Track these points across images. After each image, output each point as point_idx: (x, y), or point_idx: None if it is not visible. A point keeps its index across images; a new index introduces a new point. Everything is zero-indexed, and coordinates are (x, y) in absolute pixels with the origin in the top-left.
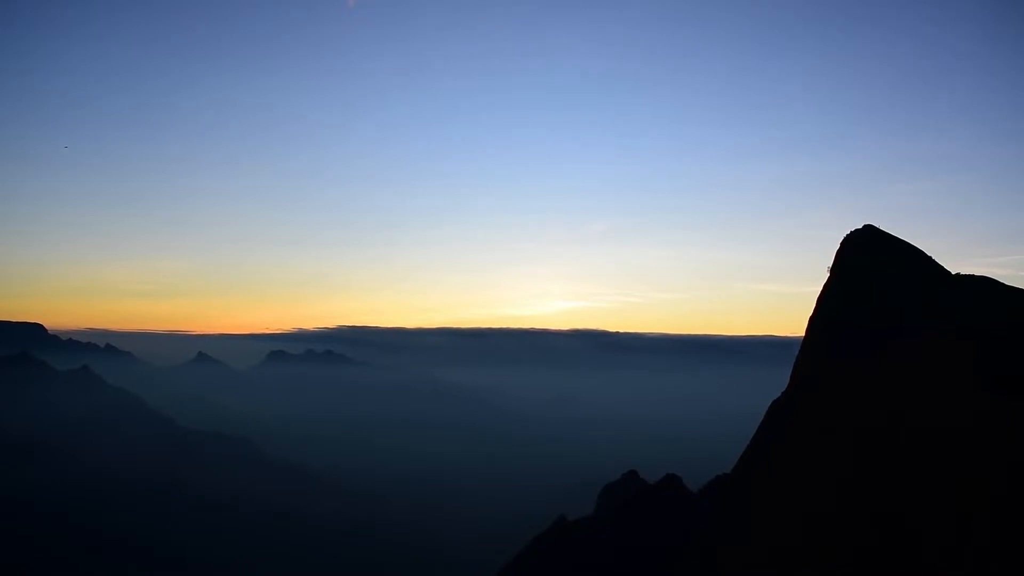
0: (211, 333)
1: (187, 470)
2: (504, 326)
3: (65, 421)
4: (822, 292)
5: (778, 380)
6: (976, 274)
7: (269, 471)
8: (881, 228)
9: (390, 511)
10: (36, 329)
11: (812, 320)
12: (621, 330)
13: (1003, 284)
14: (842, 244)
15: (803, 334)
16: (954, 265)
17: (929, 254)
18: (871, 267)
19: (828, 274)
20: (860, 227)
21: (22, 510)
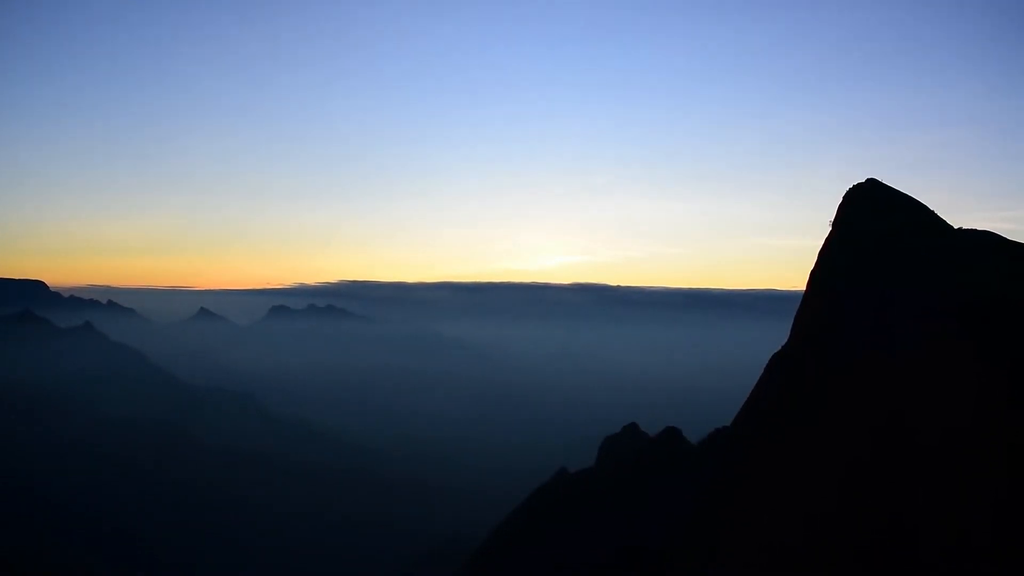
0: (213, 289)
1: (191, 425)
2: (505, 280)
3: (68, 378)
4: (824, 246)
5: (779, 334)
6: (980, 229)
7: (273, 425)
8: (884, 182)
9: (392, 464)
10: (38, 286)
11: (813, 275)
12: (622, 284)
13: (1006, 239)
14: (845, 198)
15: (804, 288)
16: (957, 219)
17: (932, 208)
18: (874, 221)
19: (830, 228)
20: (863, 180)
21: (24, 468)
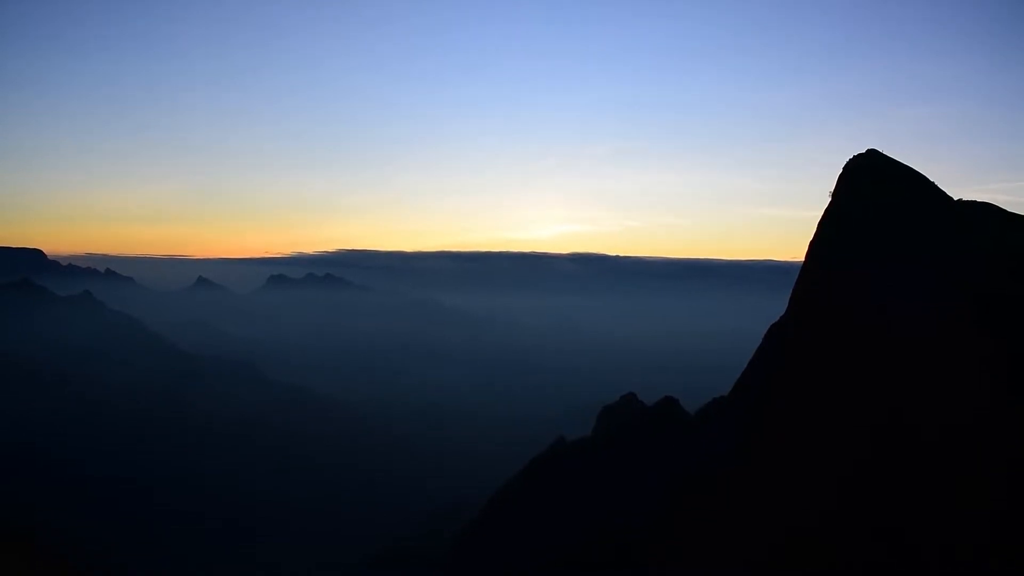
0: (211, 258)
1: (190, 394)
2: (504, 250)
3: (67, 347)
4: (823, 217)
5: (777, 305)
6: (979, 200)
7: (271, 394)
8: (885, 153)
9: (391, 434)
10: (36, 255)
11: (812, 246)
12: (621, 254)
13: (1006, 211)
14: (845, 169)
15: (803, 259)
16: (957, 191)
17: (932, 179)
18: (873, 193)
19: (830, 199)
20: (863, 152)
21: (23, 438)
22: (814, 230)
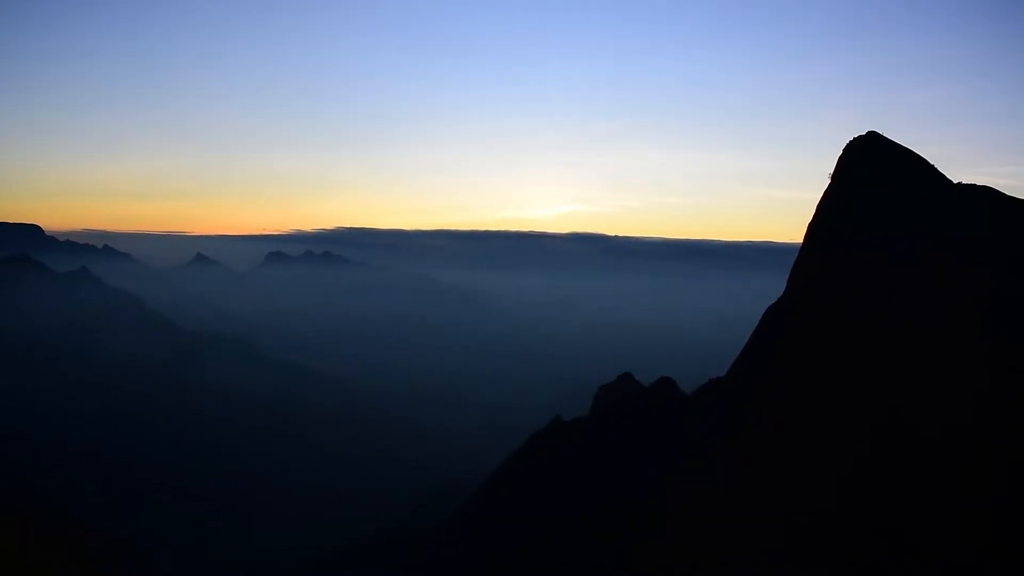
0: (209, 234)
1: (187, 371)
2: (503, 228)
3: (65, 322)
4: (823, 199)
5: (775, 286)
6: (978, 183)
7: (269, 372)
8: (885, 135)
9: (389, 410)
10: (33, 230)
11: (811, 227)
12: (620, 234)
13: (1004, 194)
14: (845, 150)
15: (802, 240)
16: (957, 174)
17: (932, 162)
18: (873, 175)
19: (829, 180)
20: (864, 133)
21: (20, 415)
22: (813, 211)
